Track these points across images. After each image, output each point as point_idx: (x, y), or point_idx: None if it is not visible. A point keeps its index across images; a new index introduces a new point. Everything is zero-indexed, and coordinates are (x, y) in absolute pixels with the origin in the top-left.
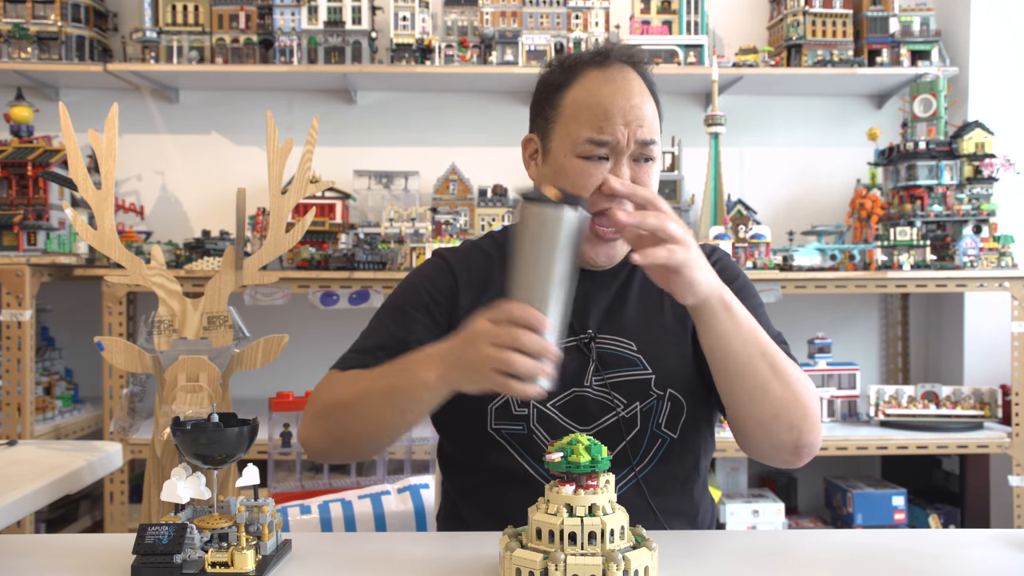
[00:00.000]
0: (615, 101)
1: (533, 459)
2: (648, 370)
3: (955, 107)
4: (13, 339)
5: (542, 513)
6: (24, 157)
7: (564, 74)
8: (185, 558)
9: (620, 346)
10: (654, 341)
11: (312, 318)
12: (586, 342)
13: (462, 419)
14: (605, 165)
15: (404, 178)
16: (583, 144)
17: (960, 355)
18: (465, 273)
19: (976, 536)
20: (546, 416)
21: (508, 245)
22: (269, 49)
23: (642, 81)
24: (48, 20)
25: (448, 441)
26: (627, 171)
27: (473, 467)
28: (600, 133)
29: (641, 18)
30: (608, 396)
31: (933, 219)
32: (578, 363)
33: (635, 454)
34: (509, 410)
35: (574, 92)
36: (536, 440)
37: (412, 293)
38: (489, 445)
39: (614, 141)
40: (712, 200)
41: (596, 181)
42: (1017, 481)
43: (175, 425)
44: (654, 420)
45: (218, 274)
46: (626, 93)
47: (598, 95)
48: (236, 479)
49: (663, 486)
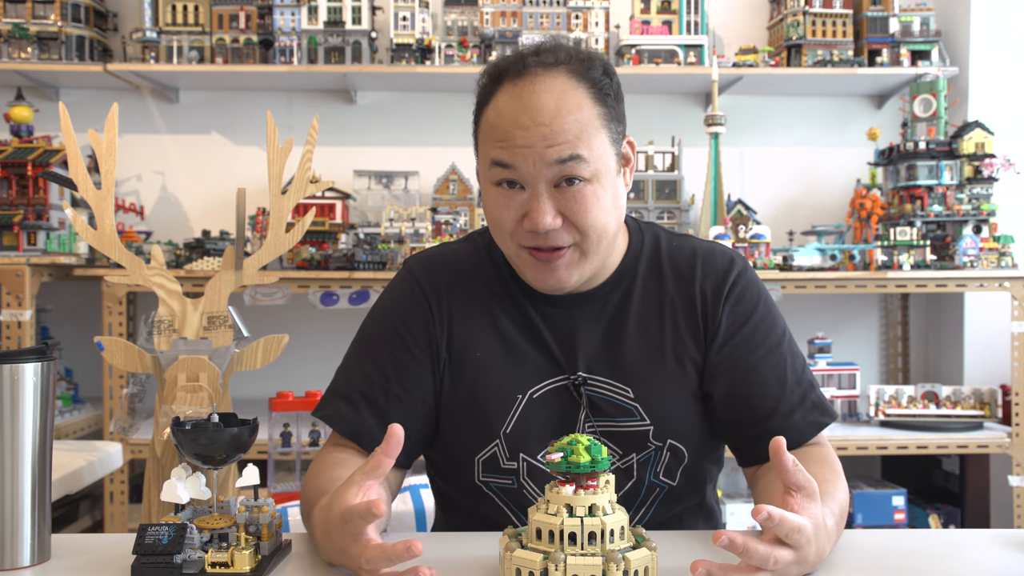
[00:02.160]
0: (517, 121)
1: (523, 512)
2: (646, 420)
3: (955, 107)
4: (13, 339)
5: (542, 513)
6: (24, 157)
7: (486, 88)
8: (185, 558)
9: (615, 392)
10: (653, 387)
11: (312, 318)
12: (576, 385)
13: (450, 463)
14: (521, 195)
15: (404, 178)
16: (492, 168)
17: (960, 355)
18: (436, 298)
19: (976, 536)
20: (536, 469)
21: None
22: (269, 49)
23: (571, 80)
24: (48, 20)
25: (439, 477)
26: (546, 204)
27: (462, 509)
28: (502, 155)
29: (641, 18)
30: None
31: (933, 219)
32: (567, 408)
33: (631, 504)
34: (498, 463)
35: (489, 110)
36: (526, 495)
37: (390, 334)
38: (478, 495)
39: (518, 166)
40: (712, 200)
41: (513, 214)
42: (1017, 481)
43: (175, 425)
44: (651, 471)
45: (218, 274)
46: (533, 110)
47: (503, 114)
48: (236, 479)
49: (667, 524)
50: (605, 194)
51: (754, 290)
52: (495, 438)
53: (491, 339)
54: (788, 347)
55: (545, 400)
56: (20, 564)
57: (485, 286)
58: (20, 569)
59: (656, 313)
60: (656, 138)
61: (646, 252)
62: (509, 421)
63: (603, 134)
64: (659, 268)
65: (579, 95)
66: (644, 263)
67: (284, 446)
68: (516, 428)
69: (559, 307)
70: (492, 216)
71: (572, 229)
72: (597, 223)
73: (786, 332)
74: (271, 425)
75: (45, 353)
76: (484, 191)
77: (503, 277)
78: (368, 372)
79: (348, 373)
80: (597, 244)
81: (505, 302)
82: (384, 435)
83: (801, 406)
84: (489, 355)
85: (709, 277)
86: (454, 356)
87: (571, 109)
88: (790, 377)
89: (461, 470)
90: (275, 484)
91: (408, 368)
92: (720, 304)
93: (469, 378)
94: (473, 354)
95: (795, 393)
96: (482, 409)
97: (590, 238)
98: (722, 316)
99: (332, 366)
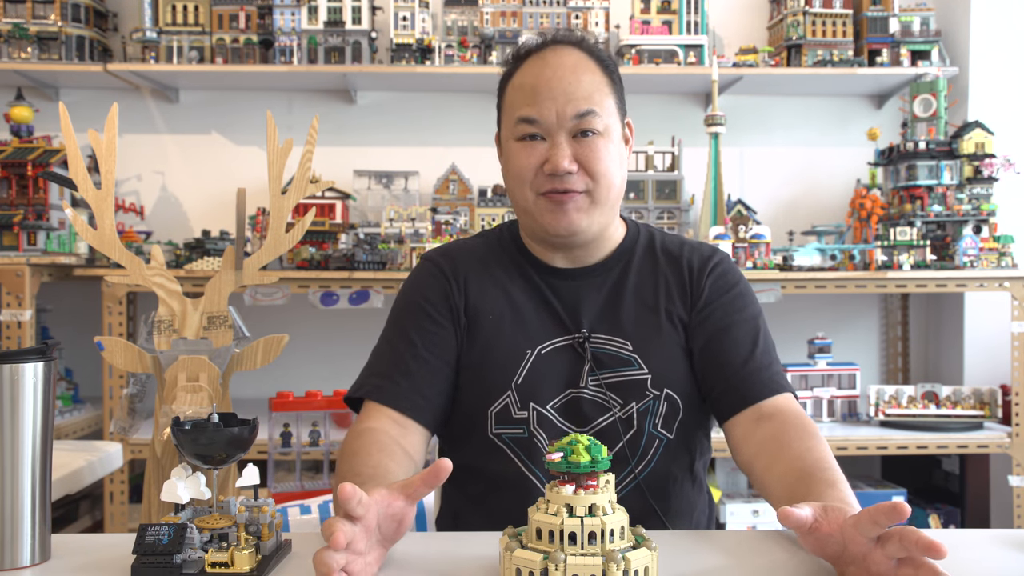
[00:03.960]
0: (542, 77)
1: (533, 463)
2: (644, 370)
3: (955, 107)
4: (13, 339)
5: (542, 513)
6: (24, 157)
7: (512, 64)
8: (185, 558)
9: (615, 346)
10: (649, 341)
11: (312, 318)
12: (580, 342)
13: (463, 426)
14: (542, 146)
15: (404, 178)
16: (517, 125)
17: (960, 355)
18: (453, 274)
19: (976, 536)
20: (545, 418)
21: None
22: (269, 49)
23: (584, 56)
24: (48, 20)
25: (450, 449)
26: (566, 149)
27: (475, 475)
28: (528, 110)
29: (641, 18)
30: (604, 397)
31: (933, 219)
32: (573, 364)
33: (633, 455)
34: (509, 414)
35: (515, 78)
36: (536, 444)
37: (412, 309)
38: (490, 451)
39: (542, 118)
40: (712, 200)
41: (534, 162)
42: (1017, 481)
43: (175, 425)
44: (651, 420)
45: (218, 274)
46: (556, 68)
47: (529, 76)
48: (236, 479)
49: (661, 487)
50: (615, 149)
51: (735, 273)
52: (507, 389)
53: (503, 304)
54: (762, 326)
55: (553, 355)
56: (20, 564)
57: (497, 264)
58: (20, 569)
59: (651, 283)
60: (656, 138)
61: (642, 240)
62: (520, 373)
63: (612, 100)
64: (653, 251)
65: (591, 65)
66: (640, 248)
67: (284, 446)
68: (527, 379)
69: (565, 279)
70: (514, 168)
71: (585, 176)
72: (608, 172)
73: (761, 315)
74: (271, 425)
75: (45, 353)
76: (507, 151)
77: (514, 256)
78: (396, 345)
79: (380, 355)
80: (607, 193)
81: (515, 275)
82: (416, 395)
83: (769, 368)
84: (501, 317)
85: (695, 256)
86: (471, 319)
87: (587, 71)
88: (760, 344)
89: (475, 426)
90: (275, 484)
91: (433, 333)
92: (704, 275)
93: (483, 338)
94: (487, 317)
95: (765, 357)
96: (495, 363)
97: (601, 185)
98: (705, 285)
99: (332, 366)
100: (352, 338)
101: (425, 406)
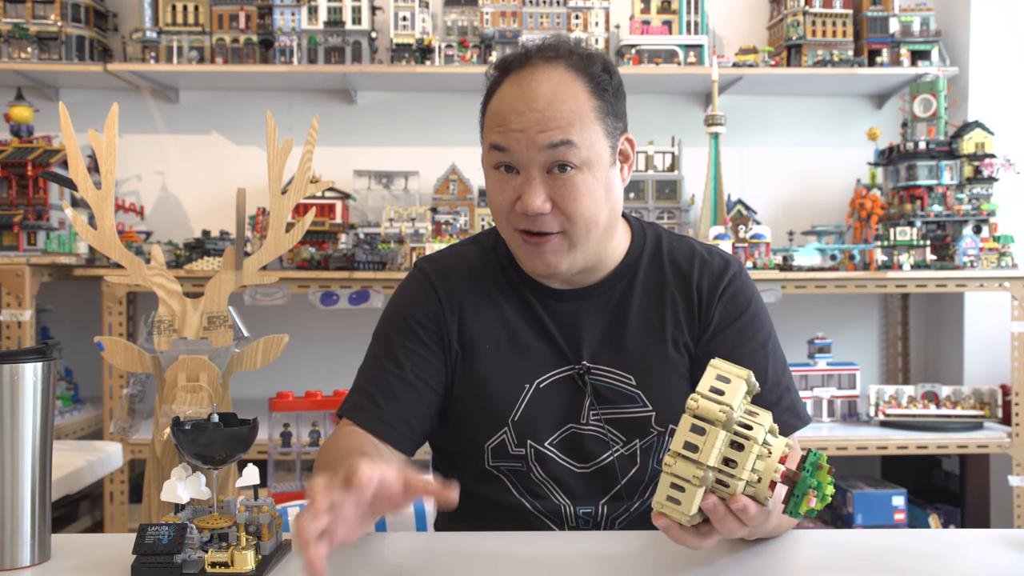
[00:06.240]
0: (514, 106)
1: (530, 495)
2: (648, 407)
3: (955, 107)
4: (13, 339)
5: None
6: (24, 157)
7: (494, 79)
8: (185, 558)
9: (617, 380)
10: (653, 374)
11: (312, 318)
12: (581, 374)
13: (459, 453)
14: (516, 180)
15: (404, 178)
16: (491, 152)
17: (960, 355)
18: (446, 294)
19: (976, 536)
20: (543, 455)
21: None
22: (269, 49)
23: (570, 75)
24: (48, 20)
25: (444, 465)
26: (538, 188)
27: (468, 495)
28: (499, 139)
29: (641, 18)
30: (605, 433)
31: (933, 219)
32: (573, 397)
33: (635, 490)
34: (506, 449)
35: (493, 100)
36: (534, 478)
37: (401, 326)
38: (488, 479)
39: (512, 150)
40: (712, 200)
41: (508, 197)
42: (1017, 481)
43: (175, 425)
44: (654, 457)
45: (218, 274)
46: (528, 96)
47: (504, 101)
48: (236, 479)
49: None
50: (596, 184)
51: (747, 291)
52: (503, 426)
53: (499, 332)
54: (772, 349)
55: (551, 389)
56: (20, 564)
57: (492, 283)
58: (20, 569)
59: (657, 304)
60: (656, 138)
61: (648, 249)
62: (517, 409)
63: (597, 126)
64: (660, 264)
65: (576, 87)
66: (646, 259)
67: (284, 446)
68: (524, 416)
69: (564, 301)
70: (490, 199)
71: (560, 216)
72: (586, 212)
73: (772, 335)
74: (271, 425)
75: (45, 353)
76: (485, 176)
77: (509, 275)
78: (383, 363)
79: (366, 370)
80: (586, 233)
81: (512, 298)
82: (398, 421)
83: (777, 406)
84: (497, 347)
85: (706, 275)
86: (465, 348)
87: (566, 98)
88: (770, 377)
89: (471, 457)
90: (275, 484)
91: (420, 356)
92: (715, 300)
93: (479, 369)
94: (483, 346)
95: (773, 394)
96: (491, 398)
97: (578, 226)
98: (715, 311)
99: (332, 366)
100: (352, 338)
101: (406, 433)
